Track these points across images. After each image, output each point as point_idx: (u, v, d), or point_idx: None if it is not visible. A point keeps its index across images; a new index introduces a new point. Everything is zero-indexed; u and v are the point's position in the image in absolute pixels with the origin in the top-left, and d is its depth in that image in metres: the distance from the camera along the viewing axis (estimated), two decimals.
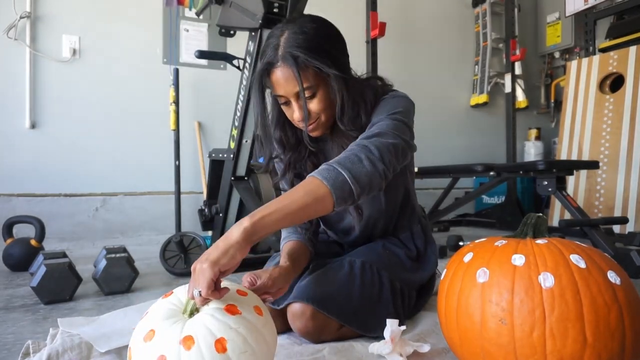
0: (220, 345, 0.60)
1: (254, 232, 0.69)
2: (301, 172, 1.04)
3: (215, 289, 0.64)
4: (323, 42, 0.90)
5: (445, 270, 0.82)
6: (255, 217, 0.69)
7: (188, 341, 0.60)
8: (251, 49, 1.95)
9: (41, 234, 1.86)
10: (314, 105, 0.93)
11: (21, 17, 2.54)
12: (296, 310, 0.92)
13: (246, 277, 0.81)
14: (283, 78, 0.89)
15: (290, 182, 1.04)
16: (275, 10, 1.83)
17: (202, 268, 0.64)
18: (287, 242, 1.05)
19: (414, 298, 1.10)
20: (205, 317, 0.63)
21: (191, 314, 0.65)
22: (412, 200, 1.15)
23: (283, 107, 0.97)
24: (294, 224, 0.76)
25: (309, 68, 0.89)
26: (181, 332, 0.61)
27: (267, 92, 0.97)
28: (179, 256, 1.75)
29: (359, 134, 0.93)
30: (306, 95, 0.91)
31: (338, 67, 0.91)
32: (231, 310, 0.64)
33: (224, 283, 0.69)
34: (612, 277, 0.66)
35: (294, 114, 0.95)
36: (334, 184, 0.76)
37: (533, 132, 4.10)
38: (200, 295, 0.63)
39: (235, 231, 0.68)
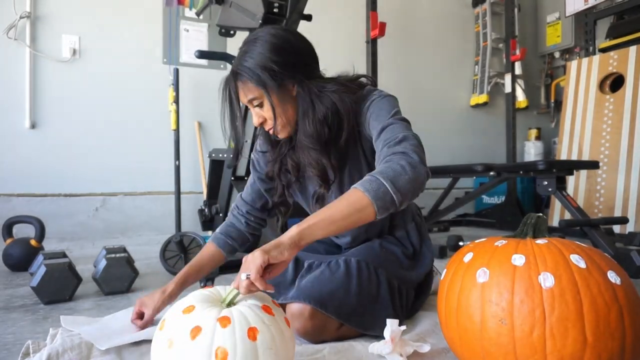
0: (252, 333, 0.64)
1: (301, 238, 0.77)
2: (286, 165, 1.10)
3: (262, 278, 0.71)
4: (267, 56, 0.95)
5: (445, 270, 0.82)
6: (303, 225, 0.78)
7: (225, 320, 0.64)
8: None
9: (41, 234, 1.86)
10: (265, 113, 0.99)
11: (21, 17, 2.54)
12: (295, 310, 0.93)
13: (136, 307, 1.00)
14: (235, 90, 0.99)
15: (277, 174, 1.10)
16: (275, 10, 1.83)
17: (253, 256, 0.72)
18: (204, 249, 1.15)
19: (412, 296, 1.10)
20: (243, 308, 0.68)
21: (229, 305, 0.70)
22: None
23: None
24: (339, 232, 0.82)
25: (247, 83, 0.96)
26: (219, 313, 0.66)
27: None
28: (179, 256, 1.75)
29: (308, 141, 0.99)
30: (255, 104, 0.98)
31: (280, 80, 0.95)
32: (267, 309, 0.69)
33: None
34: (612, 277, 0.67)
35: (253, 119, 1.03)
36: (376, 195, 0.80)
37: (533, 132, 4.10)
38: (248, 278, 0.70)
39: (285, 235, 0.77)
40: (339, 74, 1.08)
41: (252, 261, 0.72)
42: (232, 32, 2.10)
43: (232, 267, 1.54)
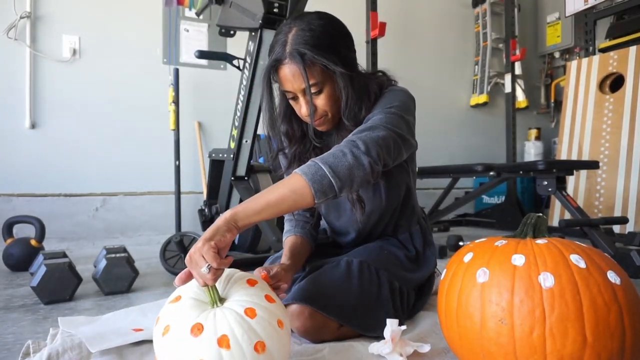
0: (249, 312, 0.66)
1: (236, 220, 0.73)
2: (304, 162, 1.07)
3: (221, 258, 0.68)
4: (330, 39, 0.92)
5: (445, 270, 0.82)
6: (238, 207, 0.75)
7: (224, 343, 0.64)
8: (251, 49, 1.95)
9: (41, 234, 1.86)
10: (320, 101, 0.95)
11: (21, 17, 2.54)
12: (294, 310, 0.92)
13: (259, 269, 0.86)
14: (290, 74, 0.92)
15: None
16: (275, 10, 1.83)
17: (197, 248, 0.68)
18: (289, 237, 1.10)
19: (413, 297, 1.10)
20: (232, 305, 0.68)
21: (218, 302, 0.69)
22: (412, 200, 1.15)
23: (291, 102, 1.00)
24: (274, 215, 0.78)
25: (315, 65, 0.91)
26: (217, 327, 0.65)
27: (275, 85, 1.00)
28: (179, 256, 1.75)
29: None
30: (313, 91, 0.93)
31: (344, 63, 0.93)
32: (268, 299, 0.71)
33: (229, 273, 0.75)
34: (612, 277, 0.67)
35: (302, 109, 0.98)
36: (313, 177, 0.78)
37: (533, 132, 4.10)
38: (210, 268, 0.66)
39: (220, 219, 0.73)
40: None
41: (205, 252, 0.67)
42: (232, 32, 2.10)
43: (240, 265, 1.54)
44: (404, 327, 0.85)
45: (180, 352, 0.63)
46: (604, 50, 3.06)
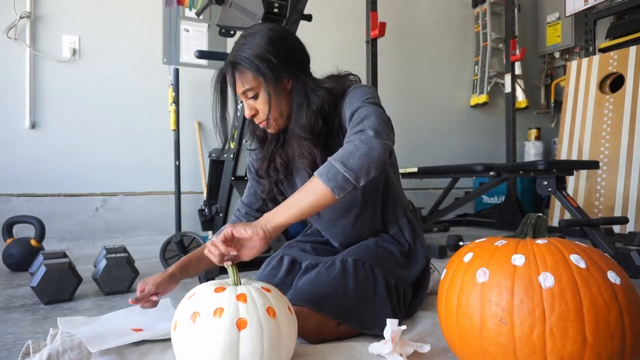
0: (266, 289, 0.78)
1: (267, 221, 0.85)
2: (274, 163, 1.12)
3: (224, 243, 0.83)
4: (265, 49, 0.97)
5: (445, 270, 0.82)
6: (268, 214, 0.87)
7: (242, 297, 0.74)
8: None
9: (41, 234, 1.86)
10: (258, 105, 1.01)
11: (21, 17, 2.54)
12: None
13: (138, 288, 1.00)
14: (232, 80, 1.01)
15: (265, 172, 1.12)
16: (275, 10, 1.83)
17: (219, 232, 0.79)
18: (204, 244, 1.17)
19: (409, 295, 1.10)
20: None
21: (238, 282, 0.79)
22: (394, 192, 1.16)
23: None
24: (303, 218, 0.87)
25: (245, 73, 0.98)
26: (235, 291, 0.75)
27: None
28: (179, 256, 1.75)
29: (303, 133, 1.01)
30: (249, 96, 1.00)
31: (277, 72, 0.98)
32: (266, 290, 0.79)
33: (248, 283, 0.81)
34: (612, 277, 0.67)
35: (245, 111, 1.04)
36: (327, 177, 0.85)
37: (533, 132, 4.10)
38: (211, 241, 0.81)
39: (258, 225, 0.84)
40: (327, 74, 1.10)
41: (219, 232, 0.79)
42: (232, 32, 2.10)
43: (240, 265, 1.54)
44: (404, 327, 0.85)
45: (202, 303, 0.72)
46: (604, 50, 3.06)
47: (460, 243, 2.20)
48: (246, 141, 1.99)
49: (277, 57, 0.98)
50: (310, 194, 0.85)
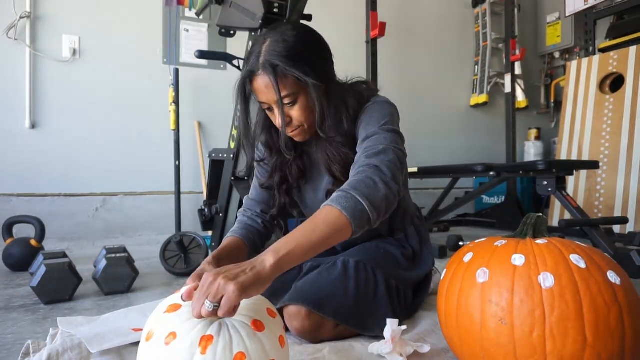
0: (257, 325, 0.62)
1: (279, 268, 0.68)
2: (286, 175, 1.08)
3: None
4: (303, 50, 0.91)
5: (445, 270, 0.82)
6: (281, 253, 0.69)
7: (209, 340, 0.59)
8: None
9: (41, 234, 1.86)
10: (294, 112, 0.95)
11: (21, 17, 2.54)
12: (292, 311, 0.93)
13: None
14: (264, 86, 0.91)
15: (277, 184, 1.07)
16: (275, 10, 1.83)
17: (227, 288, 0.60)
18: (228, 237, 1.05)
19: (410, 296, 1.10)
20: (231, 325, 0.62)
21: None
22: (404, 202, 1.15)
23: (268, 113, 1.00)
24: (316, 255, 0.74)
25: (287, 77, 0.90)
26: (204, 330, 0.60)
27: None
28: (179, 256, 1.75)
29: (341, 139, 0.97)
30: (286, 102, 0.92)
31: (318, 74, 0.93)
32: (256, 325, 0.63)
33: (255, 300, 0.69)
34: (612, 277, 0.67)
35: (276, 120, 0.97)
36: (353, 213, 0.77)
37: (533, 132, 4.10)
38: (215, 308, 0.60)
39: (264, 265, 0.67)
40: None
41: (227, 297, 0.60)
42: (232, 32, 2.10)
43: None
44: (404, 327, 0.85)
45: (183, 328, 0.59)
46: (604, 50, 3.06)
47: (460, 243, 2.20)
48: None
49: (316, 58, 0.93)
50: (334, 231, 0.75)
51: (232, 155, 1.97)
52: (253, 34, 1.94)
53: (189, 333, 0.59)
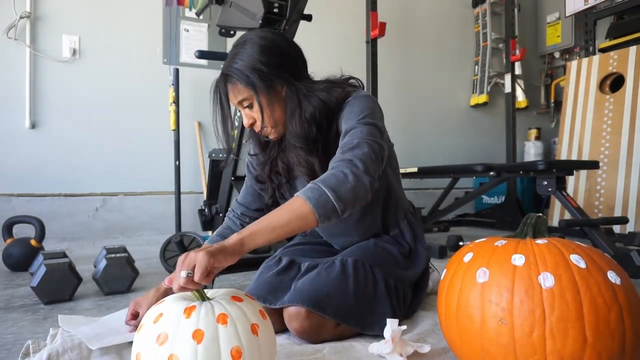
0: (222, 318, 0.64)
1: (243, 244, 0.76)
2: (276, 167, 1.11)
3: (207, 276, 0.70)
4: (257, 58, 0.97)
5: (445, 270, 0.82)
6: (244, 233, 0.78)
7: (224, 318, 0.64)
8: None
9: (41, 234, 1.86)
10: (255, 114, 1.01)
11: (21, 17, 2.54)
12: (292, 312, 0.93)
13: (130, 307, 0.97)
14: (224, 92, 1.01)
15: (267, 176, 1.12)
16: (275, 10, 1.83)
17: (197, 257, 0.69)
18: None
19: (409, 295, 1.11)
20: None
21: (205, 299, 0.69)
22: (395, 196, 1.16)
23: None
24: (280, 239, 0.82)
25: (238, 84, 0.98)
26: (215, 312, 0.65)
27: None
28: (179, 256, 1.75)
29: (300, 142, 1.00)
30: (244, 105, 1.01)
31: (269, 80, 0.97)
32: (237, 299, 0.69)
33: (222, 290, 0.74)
34: (612, 277, 0.66)
35: (243, 120, 1.05)
36: (317, 203, 0.82)
37: (533, 132, 4.10)
38: (189, 276, 0.67)
39: (228, 241, 0.76)
40: (327, 76, 1.09)
41: (198, 263, 0.68)
42: (232, 32, 2.10)
43: (231, 268, 1.54)
44: (404, 327, 0.85)
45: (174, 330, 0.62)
46: (604, 50, 3.06)
47: (460, 243, 2.20)
48: (246, 141, 1.99)
49: (269, 66, 0.97)
50: (295, 217, 0.81)
51: (232, 155, 1.97)
52: None
53: (175, 309, 0.64)
